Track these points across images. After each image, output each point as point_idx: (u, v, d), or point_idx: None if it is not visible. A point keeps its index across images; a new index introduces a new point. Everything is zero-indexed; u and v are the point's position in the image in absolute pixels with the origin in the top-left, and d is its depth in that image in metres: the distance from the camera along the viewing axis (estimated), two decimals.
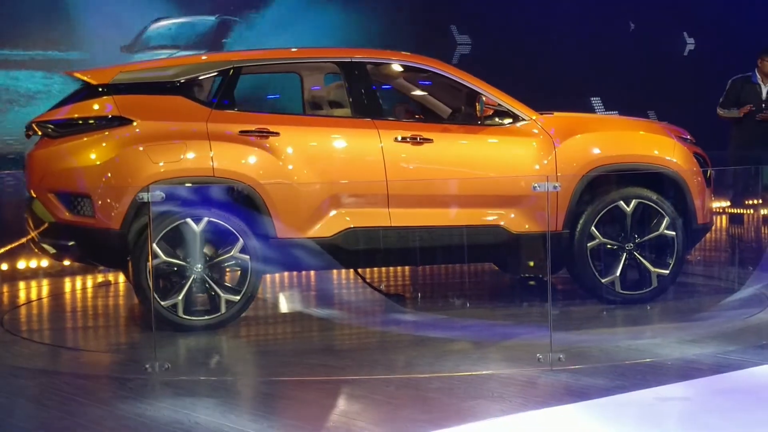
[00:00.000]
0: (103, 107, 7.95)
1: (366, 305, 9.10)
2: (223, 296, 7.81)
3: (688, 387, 6.00)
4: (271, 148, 7.98)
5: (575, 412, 5.54)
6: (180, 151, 7.85)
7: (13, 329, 8.44)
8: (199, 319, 7.81)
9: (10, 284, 10.81)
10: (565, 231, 8.48)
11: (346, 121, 8.34)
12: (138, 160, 7.79)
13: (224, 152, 7.90)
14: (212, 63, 8.36)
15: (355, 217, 8.13)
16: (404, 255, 8.45)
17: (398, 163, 8.21)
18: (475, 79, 8.64)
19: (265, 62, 8.79)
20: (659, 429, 5.26)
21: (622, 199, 8.56)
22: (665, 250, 8.67)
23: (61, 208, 7.90)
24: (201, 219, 7.76)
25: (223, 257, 7.86)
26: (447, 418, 5.45)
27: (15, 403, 5.99)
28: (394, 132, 8.27)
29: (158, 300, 7.61)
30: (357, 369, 6.69)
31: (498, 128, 8.49)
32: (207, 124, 7.94)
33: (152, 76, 8.22)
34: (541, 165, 8.41)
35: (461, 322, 8.24)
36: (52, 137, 7.96)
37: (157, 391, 6.19)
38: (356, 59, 8.52)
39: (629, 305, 8.56)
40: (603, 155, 8.60)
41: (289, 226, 7.96)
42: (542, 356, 6.54)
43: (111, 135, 7.86)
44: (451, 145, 8.44)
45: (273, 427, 5.33)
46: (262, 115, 8.29)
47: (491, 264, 10.16)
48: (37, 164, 8.05)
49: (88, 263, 8.62)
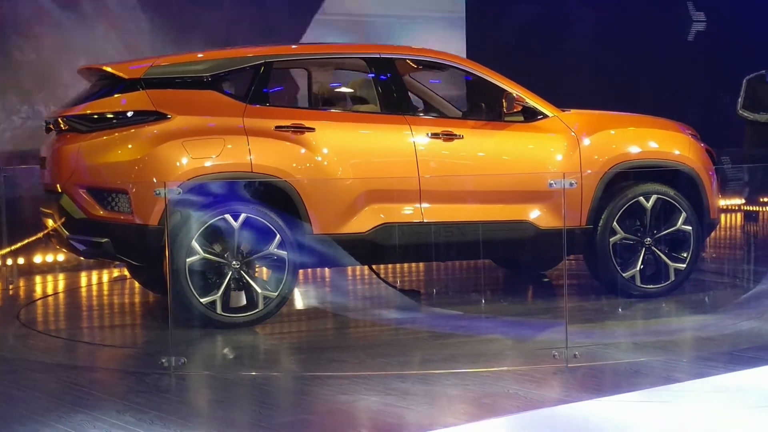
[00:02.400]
0: (138, 102, 7.86)
1: (380, 301, 9.10)
2: (261, 293, 7.78)
3: (704, 384, 5.99)
4: (306, 144, 7.97)
5: (590, 409, 5.53)
6: (219, 146, 7.80)
7: (29, 323, 8.47)
8: (238, 316, 7.76)
9: (27, 279, 10.85)
10: (589, 226, 8.57)
11: (378, 117, 8.37)
12: (177, 155, 7.71)
13: (262, 148, 7.87)
14: (244, 58, 8.29)
15: (389, 212, 8.15)
16: (435, 251, 8.47)
17: (430, 158, 8.27)
18: (500, 75, 8.72)
19: (296, 57, 8.78)
20: (674, 426, 5.25)
21: (642, 195, 8.68)
22: (682, 244, 8.82)
23: (94, 204, 7.79)
24: (239, 215, 7.73)
25: (261, 253, 7.81)
26: (462, 415, 5.45)
27: (31, 397, 6.01)
28: (425, 128, 8.33)
29: (197, 297, 7.59)
30: (371, 365, 6.69)
31: (525, 125, 8.59)
32: (243, 120, 7.92)
33: (185, 70, 8.12)
34: (568, 161, 8.52)
35: (476, 319, 8.25)
36: (81, 132, 7.86)
37: (174, 386, 6.20)
38: (386, 55, 8.57)
39: (646, 300, 8.64)
40: (625, 152, 8.75)
41: (325, 222, 7.97)
42: (558, 353, 6.53)
43: (148, 130, 7.78)
44: (481, 141, 8.50)
45: (288, 422, 5.34)
46: (295, 110, 8.29)
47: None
48: (65, 159, 7.93)
49: (120, 260, 8.36)
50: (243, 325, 7.73)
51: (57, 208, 7.97)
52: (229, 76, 8.24)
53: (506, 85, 8.60)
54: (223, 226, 7.71)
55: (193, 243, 7.60)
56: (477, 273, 10.48)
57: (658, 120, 9.35)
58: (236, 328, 7.69)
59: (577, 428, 5.28)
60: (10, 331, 8.15)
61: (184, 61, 8.28)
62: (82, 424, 5.40)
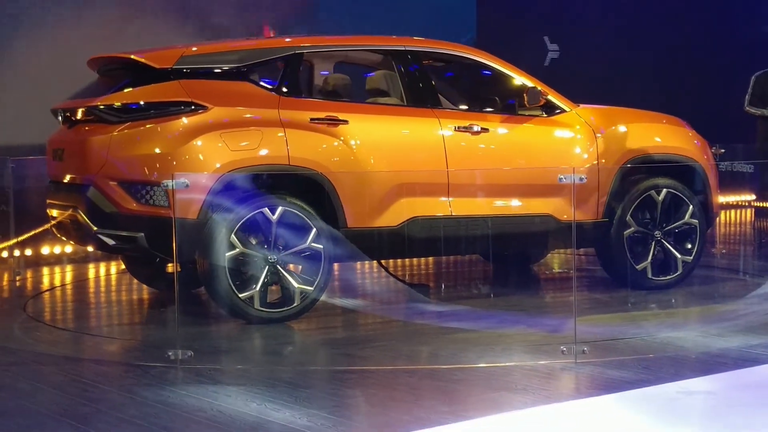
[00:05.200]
0: (173, 92, 7.70)
1: (389, 295, 9.08)
2: (297, 287, 7.73)
3: (713, 381, 5.95)
4: (340, 137, 7.93)
5: (599, 405, 5.50)
6: (257, 138, 7.69)
7: (36, 315, 8.47)
8: (275, 311, 7.70)
9: (34, 270, 10.84)
10: (605, 219, 8.71)
11: (408, 110, 8.36)
12: (216, 147, 7.58)
13: (298, 140, 7.79)
14: (275, 48, 8.22)
15: (419, 206, 8.16)
16: (462, 244, 8.52)
17: (457, 152, 8.29)
18: (520, 70, 8.81)
19: (327, 48, 8.72)
20: (683, 423, 5.21)
21: (654, 189, 8.87)
22: (688, 237, 9.05)
23: (127, 197, 7.58)
24: (276, 208, 7.67)
25: (299, 247, 7.74)
26: (469, 410, 5.42)
27: (37, 390, 5.99)
28: (452, 121, 8.36)
29: (236, 292, 7.54)
30: (379, 359, 6.67)
31: (545, 119, 8.70)
32: (279, 111, 7.85)
33: (218, 60, 7.99)
34: (587, 155, 8.67)
35: (485, 313, 8.23)
36: (111, 122, 7.66)
37: (180, 379, 6.18)
38: (414, 48, 8.57)
39: (654, 294, 8.77)
40: (640, 147, 8.93)
41: (358, 216, 7.94)
42: (566, 348, 6.50)
43: (185, 121, 7.61)
44: (506, 135, 8.57)
45: (295, 416, 5.32)
46: (328, 102, 8.19)
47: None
48: (94, 151, 7.69)
49: (152, 255, 8.06)
50: (280, 320, 7.70)
51: (83, 201, 7.72)
52: (261, 67, 8.13)
53: (527, 79, 8.69)
54: (261, 220, 7.64)
55: (233, 237, 7.52)
56: (485, 267, 10.45)
57: (663, 115, 9.54)
58: (272, 323, 7.65)
59: (586, 424, 5.25)
60: (16, 322, 8.14)
61: (215, 50, 8.15)
62: (88, 416, 5.38)
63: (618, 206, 8.76)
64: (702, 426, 5.19)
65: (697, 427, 5.17)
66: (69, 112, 8.07)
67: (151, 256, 8.09)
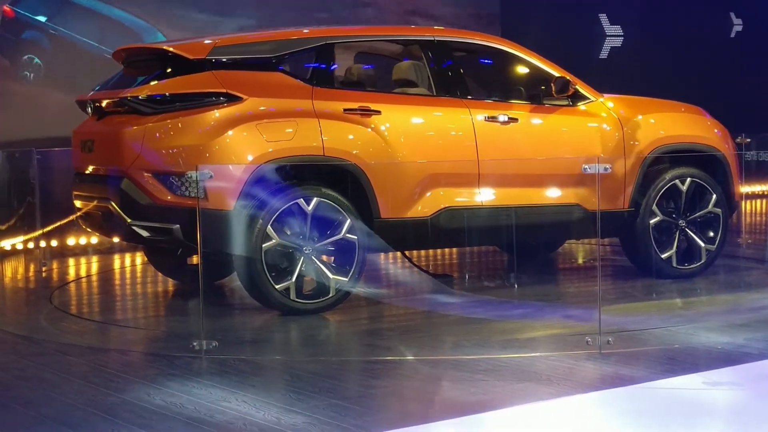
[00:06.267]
0: (208, 83, 7.64)
1: (412, 286, 9.07)
2: (332, 278, 7.72)
3: (739, 372, 5.92)
4: (373, 127, 7.92)
5: (624, 396, 5.48)
6: (292, 129, 7.66)
7: (62, 306, 8.50)
8: (311, 302, 7.69)
9: (59, 261, 10.89)
10: (631, 209, 8.78)
11: (439, 101, 8.37)
12: (252, 138, 7.55)
13: (332, 131, 7.78)
14: (307, 38, 8.20)
15: (450, 196, 8.18)
16: (492, 234, 8.60)
17: (488, 142, 8.30)
18: (546, 60, 8.84)
19: (358, 39, 8.75)
20: (709, 414, 5.19)
21: (678, 178, 8.90)
22: (712, 226, 9.09)
23: (162, 188, 7.51)
24: (311, 199, 7.66)
25: (334, 238, 7.73)
26: (494, 401, 5.41)
27: (63, 380, 6.02)
28: (482, 111, 8.37)
29: (272, 284, 7.54)
30: (403, 350, 6.67)
31: (572, 108, 8.72)
32: (313, 102, 7.84)
33: (250, 50, 7.96)
34: (615, 144, 8.73)
35: (509, 304, 8.21)
36: (145, 114, 7.60)
37: (204, 369, 6.20)
38: (444, 38, 8.59)
39: (678, 283, 8.80)
40: (665, 135, 8.99)
41: (391, 206, 7.94)
42: (591, 339, 6.48)
43: (221, 112, 7.56)
44: (536, 124, 8.59)
45: (318, 406, 5.32)
46: (360, 92, 8.16)
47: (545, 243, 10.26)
48: (127, 142, 7.62)
49: (188, 246, 7.94)
50: (315, 311, 7.70)
51: (117, 193, 7.66)
52: (293, 57, 8.10)
53: (554, 69, 8.73)
54: (297, 211, 7.62)
55: (269, 228, 7.51)
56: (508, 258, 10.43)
57: (682, 104, 9.56)
58: (308, 314, 7.66)
59: (610, 415, 5.23)
60: (42, 313, 8.18)
61: (247, 41, 8.12)
62: (113, 407, 5.40)
63: (643, 196, 8.81)
64: (728, 417, 5.17)
65: (723, 419, 5.15)
66: (99, 103, 8.04)
67: (185, 247, 8.05)
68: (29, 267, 10.62)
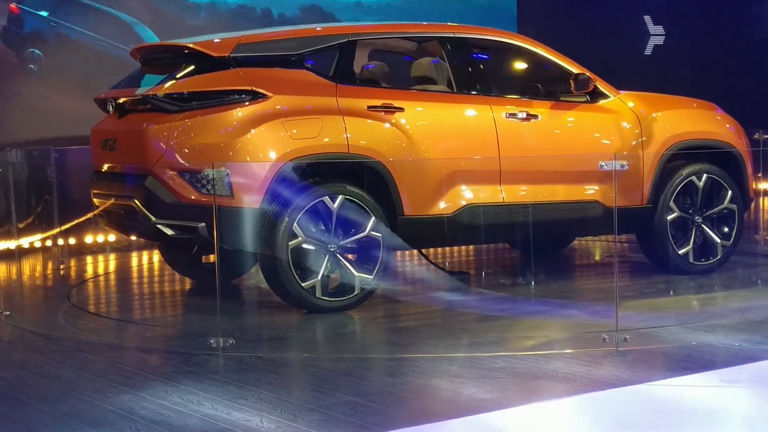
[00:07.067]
0: (233, 80, 7.61)
1: (428, 283, 9.07)
2: (357, 276, 7.71)
3: (756, 369, 5.91)
4: (396, 124, 7.92)
5: (641, 393, 5.47)
6: (317, 126, 7.64)
7: (79, 303, 8.53)
8: (337, 300, 7.68)
9: (77, 259, 10.93)
10: (649, 205, 8.80)
11: (462, 97, 8.37)
12: (278, 136, 7.52)
13: (357, 128, 7.76)
14: (330, 35, 8.16)
15: (473, 193, 8.17)
16: (514, 231, 8.60)
17: (509, 139, 8.31)
18: (565, 57, 8.84)
19: (379, 36, 8.74)
20: (726, 411, 5.18)
21: (695, 174, 8.94)
22: (727, 222, 9.14)
23: (187, 187, 7.47)
24: (337, 197, 7.65)
25: (359, 236, 7.72)
26: (511, 398, 5.41)
27: (80, 377, 6.04)
28: (503, 108, 8.38)
29: (299, 282, 7.53)
30: (420, 347, 6.67)
31: (592, 105, 8.73)
32: (337, 99, 7.83)
33: (274, 47, 7.92)
34: (635, 141, 8.75)
35: (525, 301, 8.21)
36: (169, 112, 7.55)
37: (221, 367, 6.21)
38: (465, 35, 8.59)
39: (695, 280, 8.81)
40: (683, 131, 9.01)
41: (415, 203, 7.94)
42: (608, 336, 6.47)
43: (247, 109, 7.52)
44: (557, 121, 8.60)
45: (336, 404, 5.33)
46: (383, 90, 8.19)
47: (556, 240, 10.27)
48: (152, 140, 7.57)
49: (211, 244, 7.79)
50: (341, 309, 7.70)
51: (141, 191, 7.62)
52: (316, 54, 8.07)
53: (573, 66, 8.74)
54: (322, 209, 7.62)
55: (295, 226, 7.49)
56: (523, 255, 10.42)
57: (694, 100, 9.57)
58: (334, 312, 7.66)
59: (628, 413, 5.22)
60: (60, 311, 8.21)
61: (271, 38, 8.08)
62: (130, 404, 5.42)
63: (661, 192, 8.83)
64: (746, 415, 5.16)
65: (741, 416, 5.14)
66: (120, 102, 8.01)
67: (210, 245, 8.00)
68: (47, 265, 10.67)
